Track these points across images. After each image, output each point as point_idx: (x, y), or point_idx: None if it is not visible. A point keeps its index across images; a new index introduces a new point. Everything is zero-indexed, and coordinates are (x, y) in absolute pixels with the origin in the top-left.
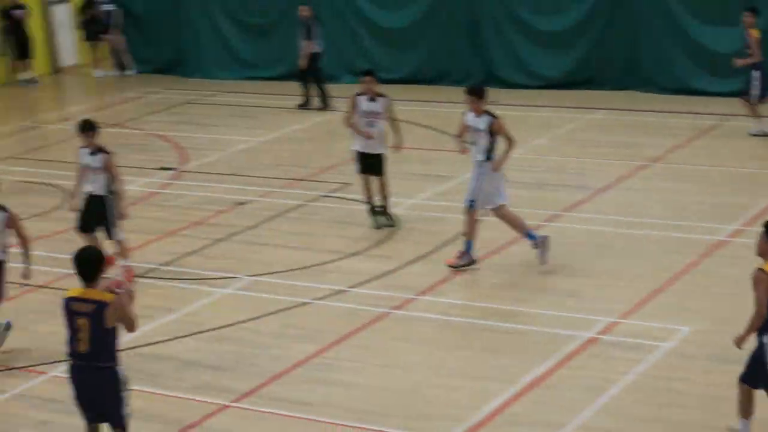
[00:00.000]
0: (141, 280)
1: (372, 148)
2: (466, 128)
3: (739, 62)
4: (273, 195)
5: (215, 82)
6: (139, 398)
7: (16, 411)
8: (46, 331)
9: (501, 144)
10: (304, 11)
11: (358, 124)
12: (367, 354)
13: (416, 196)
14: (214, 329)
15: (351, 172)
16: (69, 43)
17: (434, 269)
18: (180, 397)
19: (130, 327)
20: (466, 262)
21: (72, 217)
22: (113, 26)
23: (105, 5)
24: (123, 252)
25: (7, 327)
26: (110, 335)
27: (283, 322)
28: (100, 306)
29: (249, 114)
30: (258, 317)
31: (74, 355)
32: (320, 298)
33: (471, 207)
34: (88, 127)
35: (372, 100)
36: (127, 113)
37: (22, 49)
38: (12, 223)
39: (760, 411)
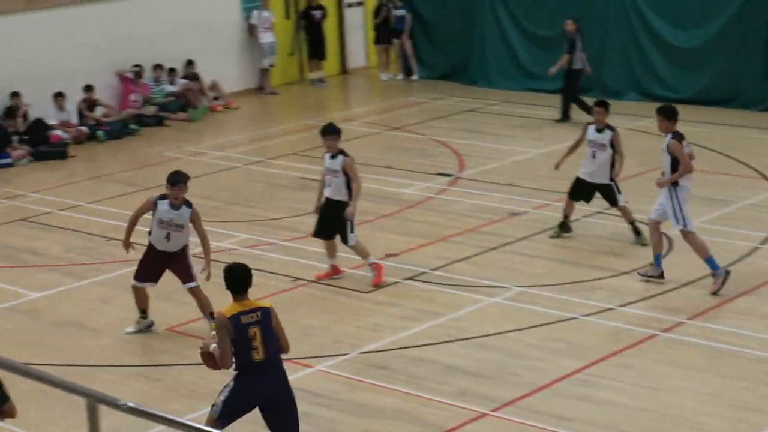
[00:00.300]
0: (410, 282)
1: (594, 178)
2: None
3: None
4: (547, 208)
5: (499, 92)
6: (400, 399)
7: None
8: (316, 325)
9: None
10: (569, 25)
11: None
12: (631, 374)
13: (696, 220)
14: (478, 337)
15: (630, 189)
16: (359, 46)
17: (706, 294)
18: (440, 402)
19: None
20: (719, 283)
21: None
22: (403, 31)
23: (397, 10)
24: (362, 253)
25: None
26: (276, 339)
27: (548, 335)
28: (264, 311)
29: (530, 125)
30: (523, 328)
31: (253, 366)
32: (587, 314)
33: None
34: (329, 131)
35: (599, 131)
36: (410, 117)
37: (316, 50)
38: (194, 218)
39: None
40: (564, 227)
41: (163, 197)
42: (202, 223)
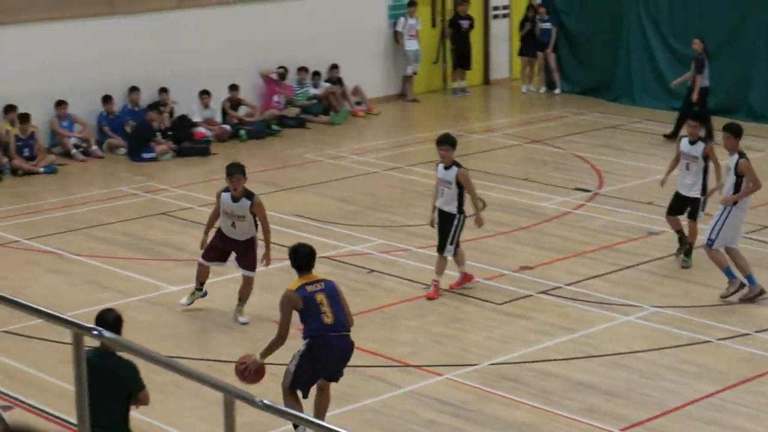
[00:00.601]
0: (543, 296)
1: (688, 191)
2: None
3: None
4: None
5: (642, 109)
6: (528, 413)
7: (407, 407)
8: (446, 333)
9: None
10: (696, 44)
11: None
12: (765, 402)
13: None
14: (610, 354)
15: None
16: (503, 57)
17: None
18: (568, 417)
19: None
20: (733, 290)
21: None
22: (548, 44)
23: (544, 23)
24: (459, 261)
25: None
26: (342, 308)
27: (682, 357)
28: (328, 282)
29: (672, 145)
30: (656, 348)
31: (325, 328)
32: (722, 339)
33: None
34: (445, 141)
35: (692, 143)
36: (550, 131)
37: (461, 59)
38: (255, 209)
39: None
40: (684, 247)
41: (226, 189)
42: (266, 214)
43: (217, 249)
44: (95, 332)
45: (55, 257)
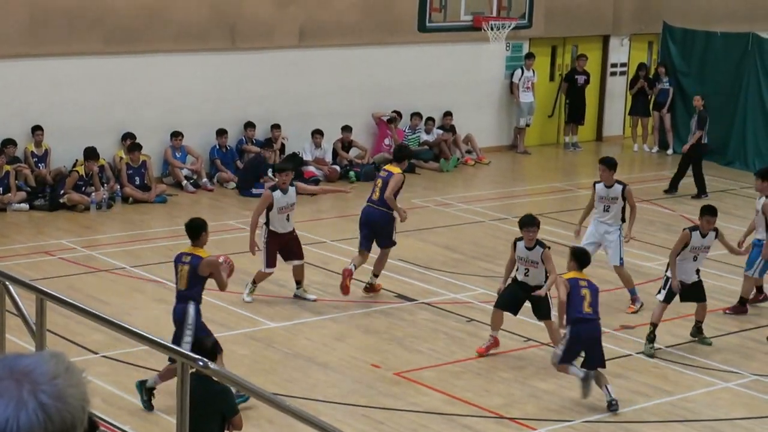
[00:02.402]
0: (643, 357)
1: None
2: None
3: None
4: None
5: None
6: None
7: None
8: (543, 388)
9: None
10: (697, 101)
11: None
12: None
13: None
14: (708, 420)
15: None
16: (618, 114)
17: None
18: None
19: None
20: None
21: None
22: (665, 104)
23: (662, 83)
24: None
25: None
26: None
27: None
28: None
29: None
30: (755, 417)
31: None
32: None
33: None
34: (528, 222)
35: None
36: (661, 191)
37: (575, 114)
38: (299, 190)
39: None
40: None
41: (274, 188)
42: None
43: (276, 253)
44: (201, 363)
45: (159, 286)
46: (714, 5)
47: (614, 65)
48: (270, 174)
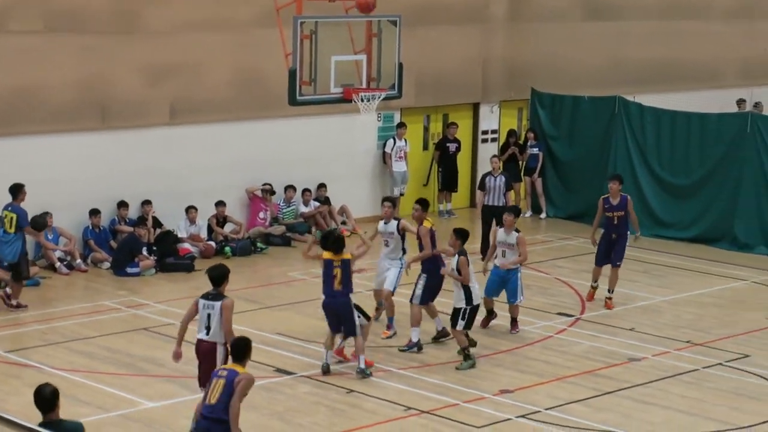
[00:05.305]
0: (522, 420)
1: None
2: None
3: None
4: (668, 356)
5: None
6: None
7: None
8: None
9: None
10: (494, 163)
11: None
12: None
13: None
14: None
15: (755, 343)
16: None
17: None
18: None
19: None
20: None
21: None
22: (536, 169)
23: (532, 148)
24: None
25: None
26: None
27: None
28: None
29: (655, 271)
30: None
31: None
32: None
33: None
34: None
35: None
36: (535, 255)
37: (448, 182)
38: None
39: None
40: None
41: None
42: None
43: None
44: None
45: (35, 371)
46: (580, 71)
47: (485, 132)
48: (144, 252)
